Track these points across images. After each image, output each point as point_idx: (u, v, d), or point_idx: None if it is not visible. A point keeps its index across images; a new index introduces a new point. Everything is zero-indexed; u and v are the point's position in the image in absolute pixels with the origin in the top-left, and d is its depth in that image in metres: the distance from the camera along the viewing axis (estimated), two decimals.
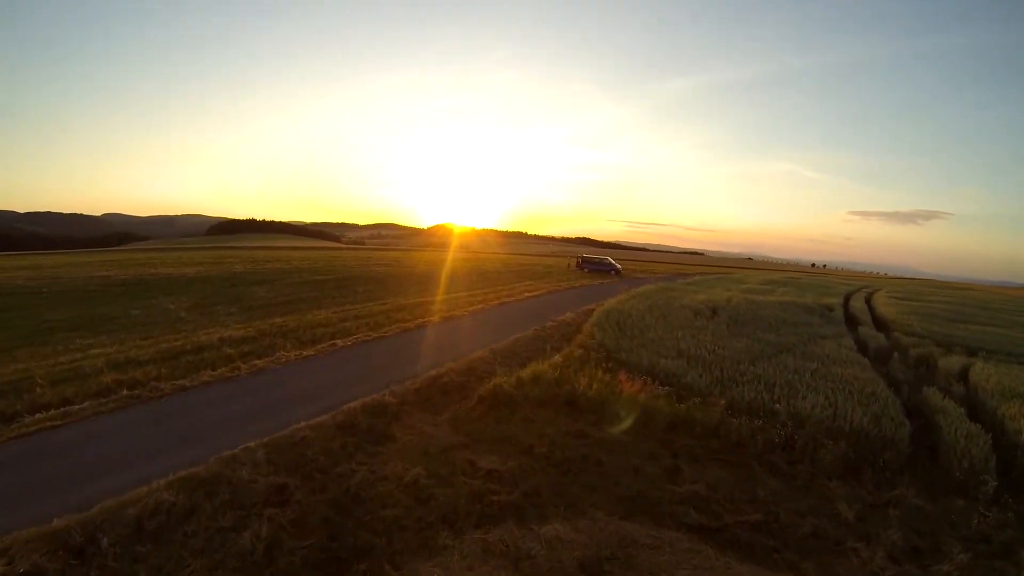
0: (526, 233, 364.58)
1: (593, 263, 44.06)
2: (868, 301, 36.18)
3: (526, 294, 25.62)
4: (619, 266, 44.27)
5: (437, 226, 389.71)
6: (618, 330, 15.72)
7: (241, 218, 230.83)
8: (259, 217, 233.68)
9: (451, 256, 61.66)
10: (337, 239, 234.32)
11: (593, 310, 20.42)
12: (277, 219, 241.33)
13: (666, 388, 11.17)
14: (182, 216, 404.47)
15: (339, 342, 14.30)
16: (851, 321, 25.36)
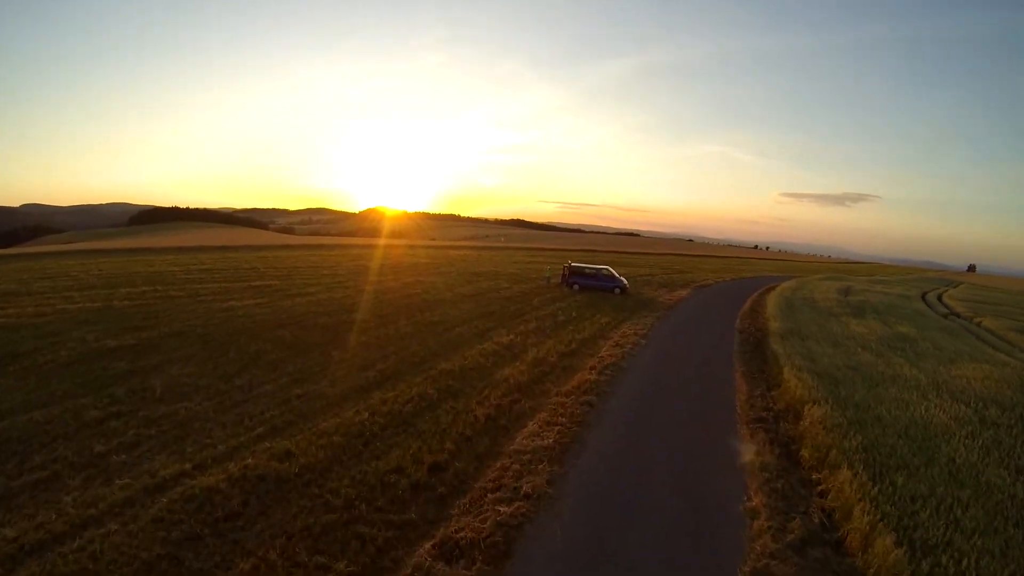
0: (459, 216, 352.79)
1: (586, 276, 29.40)
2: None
3: (528, 425, 10.43)
4: (624, 280, 29.87)
5: (369, 210, 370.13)
6: None
7: (166, 205, 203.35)
8: (185, 204, 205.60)
9: (378, 259, 45.31)
10: (264, 226, 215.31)
11: None
12: (205, 205, 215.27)
13: None
14: (106, 205, 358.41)
15: None
16: None
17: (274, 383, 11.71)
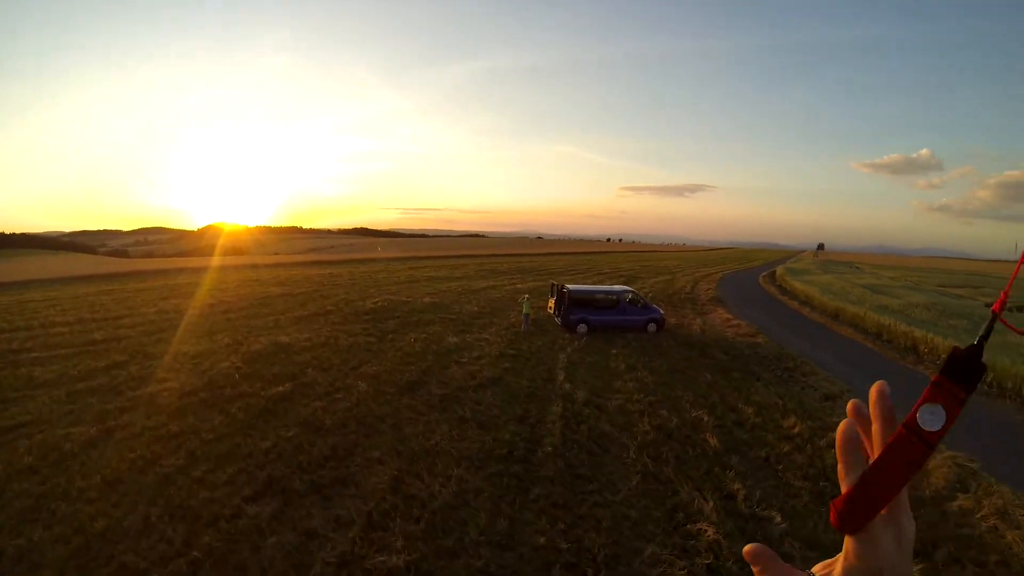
0: (301, 228, 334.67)
1: (600, 308, 16.80)
2: None
3: None
4: (660, 310, 17.86)
5: (208, 227, 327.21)
6: None
7: None
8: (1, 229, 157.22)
9: (207, 292, 28.50)
10: (93, 250, 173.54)
11: None
12: (28, 229, 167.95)
13: None
14: None
15: None
16: None
17: None
